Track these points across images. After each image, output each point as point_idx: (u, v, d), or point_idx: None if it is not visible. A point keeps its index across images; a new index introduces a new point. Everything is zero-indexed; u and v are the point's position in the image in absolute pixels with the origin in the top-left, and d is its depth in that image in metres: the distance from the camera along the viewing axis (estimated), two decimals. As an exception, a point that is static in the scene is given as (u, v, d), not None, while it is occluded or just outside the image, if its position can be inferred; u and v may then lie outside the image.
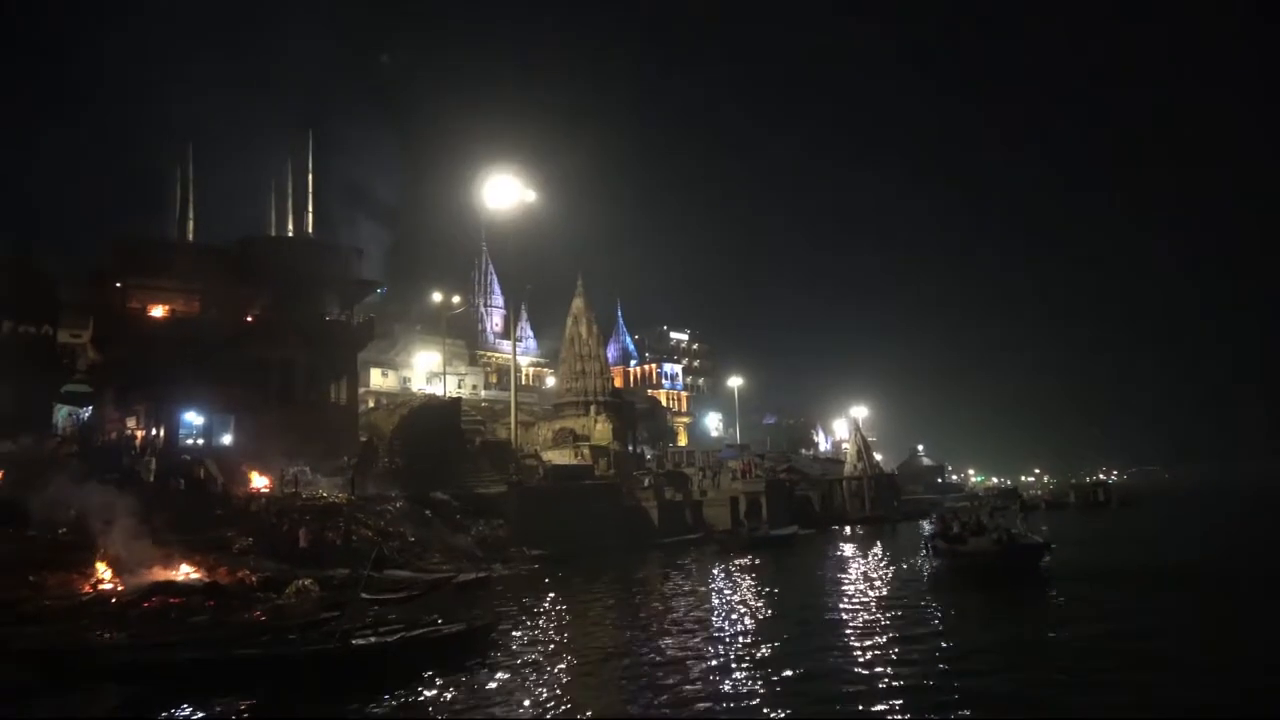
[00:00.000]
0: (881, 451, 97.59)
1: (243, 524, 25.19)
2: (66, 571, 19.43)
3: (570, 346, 58.52)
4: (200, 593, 19.03)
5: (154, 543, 20.70)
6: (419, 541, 27.79)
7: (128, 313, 37.40)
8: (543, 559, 29.04)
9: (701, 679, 11.63)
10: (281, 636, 13.10)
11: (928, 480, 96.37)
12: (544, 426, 56.55)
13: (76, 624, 16.60)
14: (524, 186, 45.69)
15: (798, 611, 18.07)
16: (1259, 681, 10.88)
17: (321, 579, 21.41)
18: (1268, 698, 10.21)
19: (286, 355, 38.29)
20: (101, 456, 28.69)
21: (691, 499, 45.88)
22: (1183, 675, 11.45)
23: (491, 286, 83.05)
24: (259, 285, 39.10)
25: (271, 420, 34.55)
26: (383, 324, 52.43)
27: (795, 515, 47.11)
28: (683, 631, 15.72)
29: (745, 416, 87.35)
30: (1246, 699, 10.22)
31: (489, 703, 10.67)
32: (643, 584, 24.38)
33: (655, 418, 76.49)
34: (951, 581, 21.57)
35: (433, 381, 62.43)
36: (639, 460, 54.72)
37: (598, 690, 11.23)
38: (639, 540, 36.56)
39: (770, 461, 61.71)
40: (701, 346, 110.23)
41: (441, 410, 43.44)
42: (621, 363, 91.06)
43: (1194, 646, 13.27)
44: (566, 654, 13.91)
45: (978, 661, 12.34)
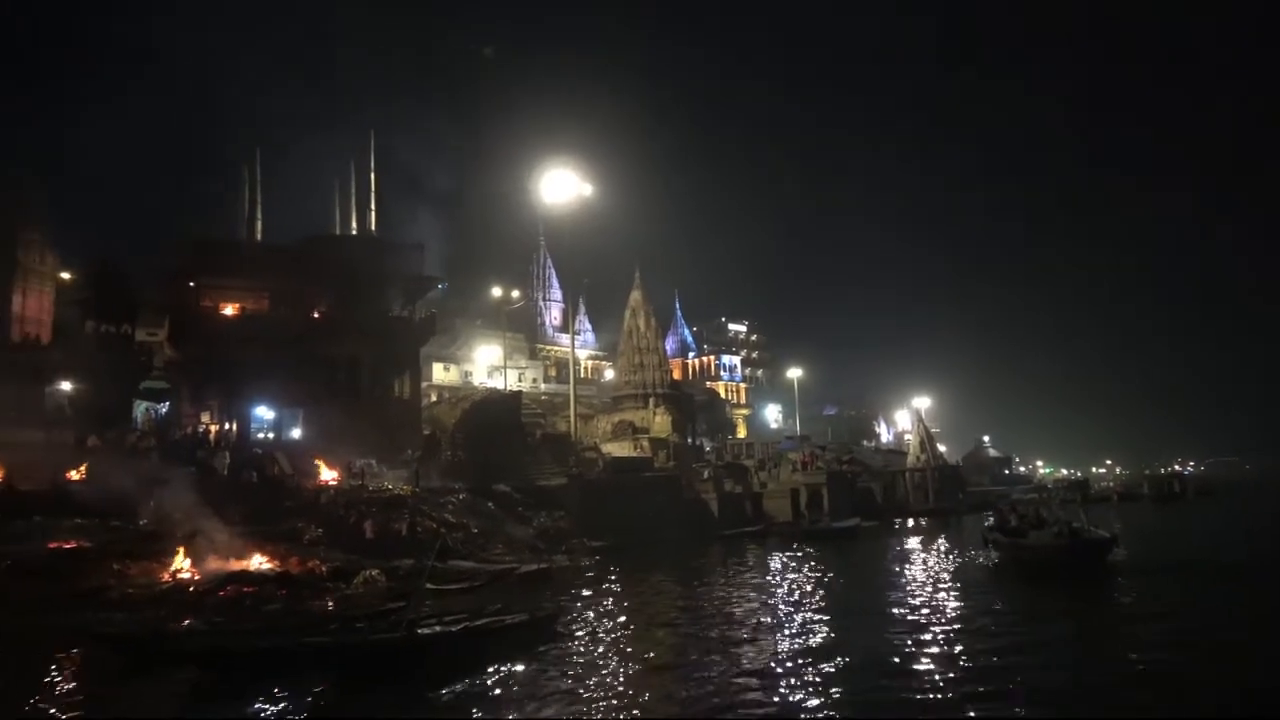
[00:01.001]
0: (945, 443, 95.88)
1: (312, 515, 25.85)
2: (147, 561, 20.22)
3: (628, 339, 58.67)
4: (273, 582, 19.66)
5: (229, 534, 21.37)
6: (482, 533, 28.18)
7: (201, 311, 38.67)
8: (603, 550, 29.24)
9: (758, 671, 11.61)
10: (349, 625, 13.46)
11: (994, 472, 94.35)
12: (603, 419, 56.85)
13: (157, 611, 17.30)
14: (581, 180, 45.95)
15: (857, 605, 17.91)
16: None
17: (388, 569, 21.94)
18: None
19: (351, 351, 39.17)
20: (178, 450, 29.75)
21: (751, 491, 45.69)
22: (1251, 674, 11.07)
23: (550, 280, 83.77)
24: (324, 283, 40.06)
25: (338, 414, 35.41)
26: (444, 319, 53.27)
27: (857, 507, 46.54)
28: (742, 623, 15.71)
29: (805, 408, 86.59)
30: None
31: (551, 692, 10.81)
32: (703, 576, 24.37)
33: (714, 410, 76.33)
34: (1011, 576, 21.08)
35: (493, 375, 63.25)
36: (698, 452, 54.65)
37: (658, 682, 11.27)
38: (699, 532, 36.56)
39: (831, 453, 61.03)
40: (760, 338, 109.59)
41: (502, 404, 43.98)
42: (680, 355, 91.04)
43: (1269, 644, 12.81)
44: (628, 644, 14.01)
45: (1034, 658, 12.06)
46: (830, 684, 10.77)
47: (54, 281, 39.32)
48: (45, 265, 38.69)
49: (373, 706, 10.53)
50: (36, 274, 37.91)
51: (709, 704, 10.06)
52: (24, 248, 37.02)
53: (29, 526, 21.25)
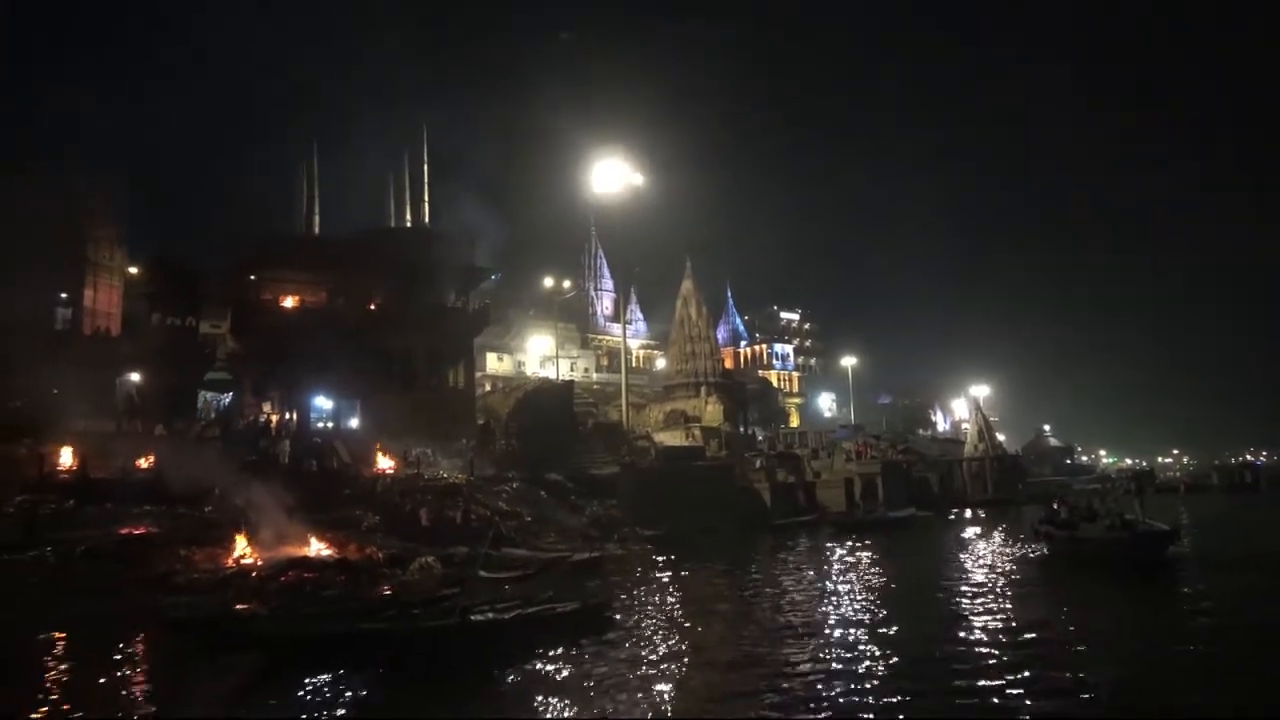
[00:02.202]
0: (1004, 432, 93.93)
1: (370, 503, 26.36)
2: (212, 547, 20.82)
3: (680, 328, 58.57)
4: (332, 568, 20.07)
5: (289, 521, 21.86)
6: (535, 521, 28.45)
7: (261, 304, 39.65)
8: (655, 539, 29.28)
9: (809, 665, 11.50)
10: (405, 611, 13.67)
11: (1055, 462, 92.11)
12: (655, 408, 56.89)
13: (222, 596, 17.81)
14: (631, 170, 45.93)
15: (909, 596, 17.68)
16: None
17: (443, 556, 22.20)
18: None
19: (407, 342, 39.78)
20: (241, 440, 30.56)
21: (804, 480, 45.32)
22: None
23: (601, 270, 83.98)
24: (380, 275, 40.75)
25: (394, 404, 36.02)
26: (497, 309, 53.74)
27: (913, 497, 45.90)
28: (794, 614, 15.60)
29: (859, 397, 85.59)
30: None
31: (601, 681, 10.86)
32: (755, 565, 24.28)
33: (766, 399, 75.84)
34: (1063, 570, 20.48)
35: (546, 365, 63.69)
36: (750, 441, 54.40)
37: (709, 674, 11.24)
38: (751, 521, 36.41)
39: (886, 442, 60.23)
40: (813, 326, 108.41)
41: (555, 393, 44.30)
42: (731, 344, 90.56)
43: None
44: (679, 635, 14.01)
45: (1080, 654, 11.73)
46: (881, 680, 10.61)
47: (123, 276, 40.61)
48: (114, 260, 39.97)
49: (427, 691, 10.69)
50: (106, 269, 39.18)
51: (760, 698, 9.98)
52: (94, 244, 38.26)
53: (101, 513, 22.07)
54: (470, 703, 10.23)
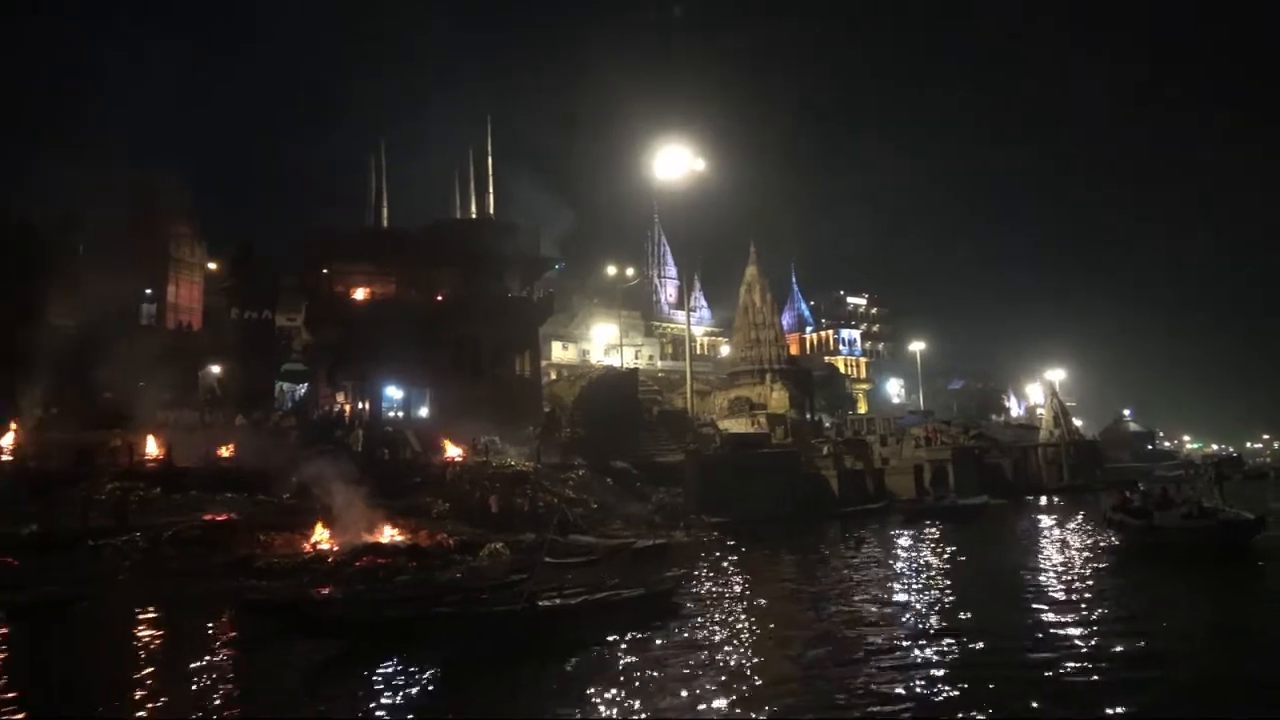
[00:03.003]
0: (1082, 417, 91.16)
1: (440, 491, 26.92)
2: (290, 533, 21.55)
3: (744, 315, 58.25)
4: (404, 554, 20.59)
5: (363, 508, 22.47)
6: (601, 508, 28.70)
7: (334, 296, 40.74)
8: (720, 526, 29.24)
9: (877, 657, 11.32)
10: (473, 596, 13.95)
11: (1135, 447, 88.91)
12: (720, 395, 56.74)
13: (299, 580, 18.44)
14: (694, 156, 45.65)
15: (980, 586, 17.31)
16: None
17: (511, 543, 22.65)
18: None
19: (473, 331, 40.41)
20: (316, 429, 31.47)
21: (873, 467, 44.73)
22: None
23: (665, 257, 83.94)
24: (447, 266, 41.47)
25: (462, 393, 36.66)
26: (561, 298, 54.25)
27: (985, 484, 44.86)
28: (862, 604, 15.41)
29: (929, 382, 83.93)
30: None
31: (666, 666, 10.92)
32: (822, 553, 24.07)
33: (833, 385, 74.96)
34: (1138, 560, 19.70)
35: (610, 353, 63.98)
36: (817, 428, 53.88)
37: (774, 664, 11.17)
38: (818, 509, 36.09)
39: (957, 428, 59.02)
40: (881, 310, 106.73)
41: (619, 381, 44.51)
42: (797, 330, 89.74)
43: None
44: (744, 623, 13.98)
45: (1158, 650, 11.28)
46: (948, 673, 10.37)
47: (202, 272, 42.14)
48: (194, 257, 41.50)
49: (494, 675, 10.89)
50: (187, 265, 40.71)
51: (826, 690, 9.88)
52: (175, 241, 39.76)
53: (186, 500, 23.07)
54: (536, 687, 10.38)
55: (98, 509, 21.50)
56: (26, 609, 15.71)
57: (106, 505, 21.75)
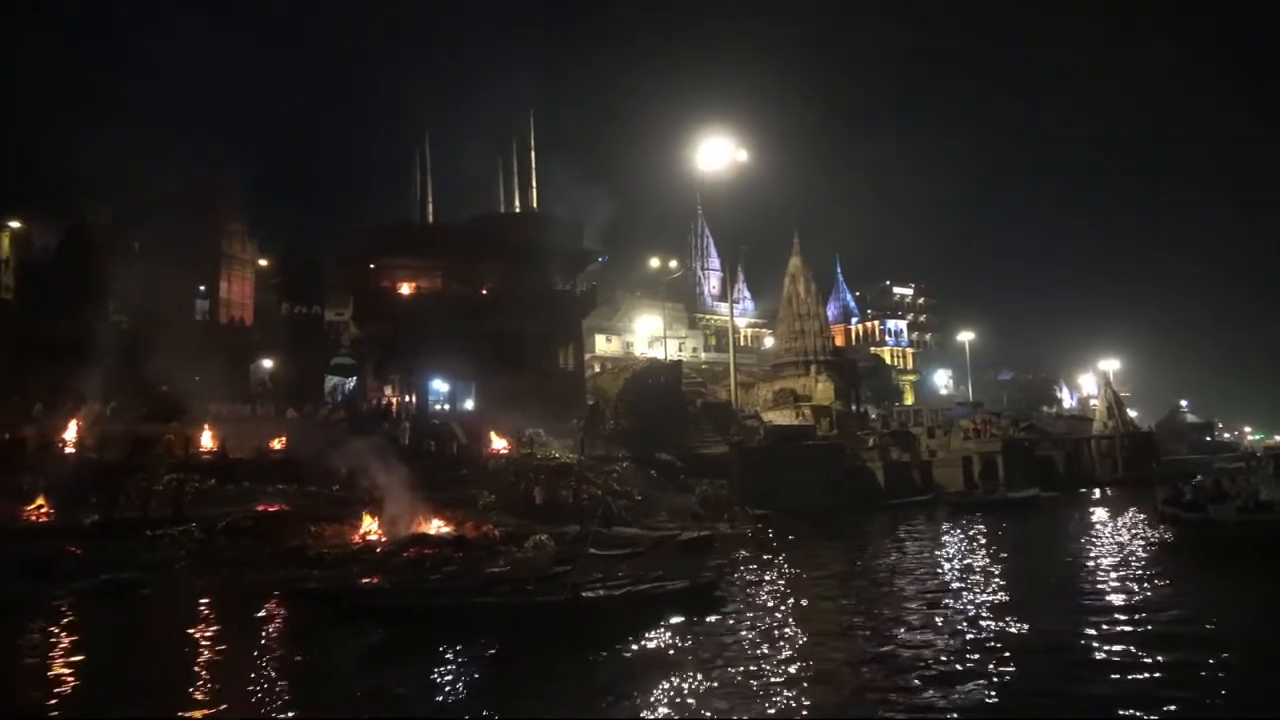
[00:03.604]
0: (1137, 408, 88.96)
1: (485, 482, 27.20)
2: (340, 524, 21.97)
3: (788, 306, 57.80)
4: (450, 545, 20.86)
5: (410, 499, 22.80)
6: (645, 500, 28.74)
7: (381, 291, 41.32)
8: (765, 519, 29.14)
9: (923, 655, 11.11)
10: (518, 587, 14.08)
11: (1193, 439, 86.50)
12: (763, 387, 56.42)
13: (348, 569, 18.79)
14: (737, 146, 45.46)
15: (1031, 582, 16.97)
16: None
17: (555, 534, 22.81)
18: None
19: (518, 324, 40.70)
20: (365, 422, 31.96)
21: (920, 459, 44.20)
22: None
23: (708, 249, 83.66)
24: (491, 260, 41.81)
25: (507, 386, 36.93)
26: (605, 291, 54.30)
27: (1036, 477, 44.04)
28: (908, 599, 15.22)
29: (978, 373, 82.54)
30: None
31: (709, 659, 10.89)
32: (868, 546, 23.85)
33: (879, 376, 74.11)
34: (1191, 555, 19.08)
35: (654, 345, 63.97)
36: (862, 420, 53.34)
37: (818, 660, 11.03)
38: (863, 501, 35.78)
39: (1007, 420, 57.99)
40: (928, 300, 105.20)
41: (663, 373, 44.51)
42: (842, 321, 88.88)
43: None
44: (788, 617, 13.89)
45: (1211, 651, 10.78)
46: (996, 675, 10.08)
47: (254, 268, 43.06)
48: (246, 253, 42.41)
49: (538, 666, 10.98)
50: (239, 261, 41.61)
51: (869, 687, 9.75)
52: (227, 239, 40.64)
53: (239, 491, 23.62)
54: (579, 678, 10.43)
55: (155, 499, 22.12)
56: (92, 595, 16.27)
57: (163, 496, 22.36)
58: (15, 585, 16.42)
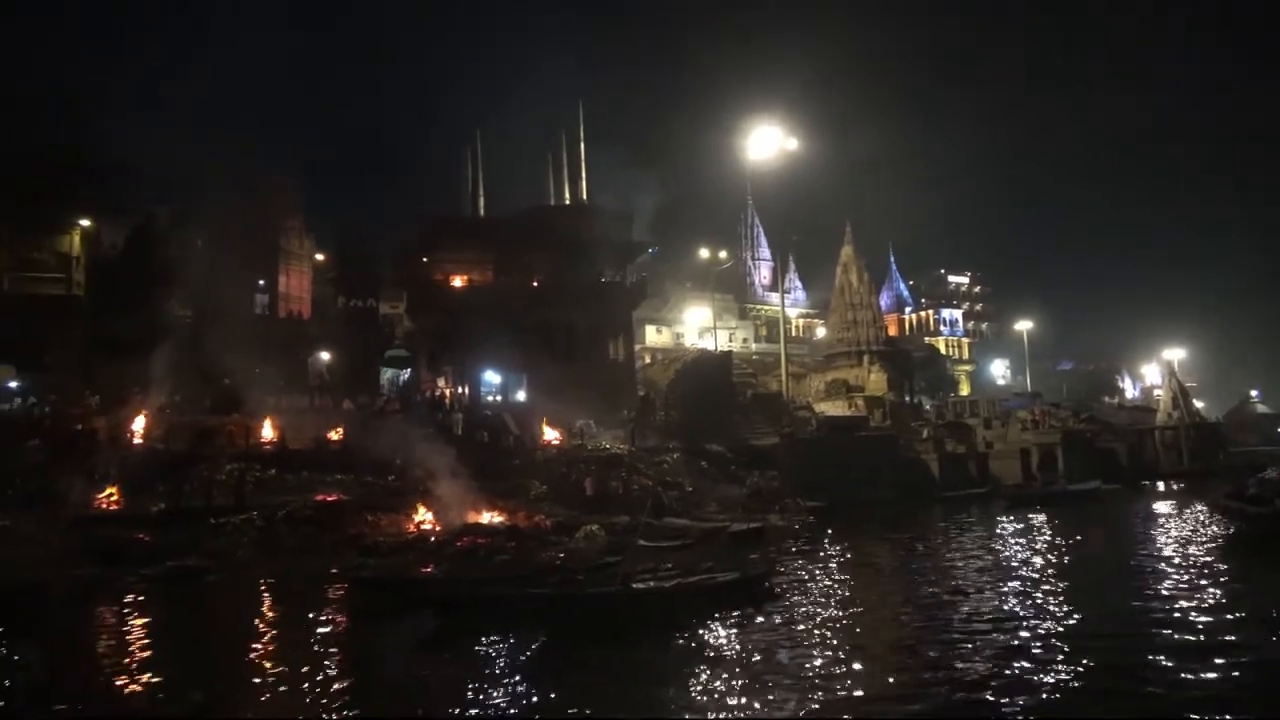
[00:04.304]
0: (1204, 398, 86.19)
1: (536, 473, 27.47)
2: (395, 513, 22.38)
3: (840, 296, 57.23)
4: (503, 535, 21.13)
5: (463, 489, 23.11)
6: (695, 491, 28.75)
7: (434, 284, 41.91)
8: (817, 510, 28.91)
9: (976, 648, 10.93)
10: (569, 577, 14.20)
11: (1264, 430, 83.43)
12: (815, 378, 56.00)
13: (403, 558, 19.13)
14: (786, 135, 45.05)
15: (1093, 578, 16.57)
16: None
17: (606, 525, 22.94)
18: None
19: (568, 317, 40.95)
20: (419, 413, 32.44)
21: (976, 451, 43.42)
22: None
23: (758, 239, 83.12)
24: (542, 252, 42.11)
25: (558, 377, 37.18)
26: (654, 283, 54.38)
27: (1097, 469, 42.93)
28: (963, 591, 14.96)
29: (1036, 363, 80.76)
30: None
31: (759, 651, 10.86)
32: (922, 538, 23.52)
33: (933, 366, 72.97)
34: (1261, 550, 18.34)
35: (704, 336, 63.82)
36: (916, 411, 52.60)
37: (870, 657, 10.90)
38: (917, 493, 35.30)
39: (1066, 410, 56.67)
40: (984, 289, 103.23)
41: (713, 364, 44.38)
42: (895, 310, 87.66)
43: None
44: (840, 610, 13.76)
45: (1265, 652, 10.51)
46: (1053, 675, 9.82)
47: (311, 263, 43.91)
48: (303, 249, 43.27)
49: (588, 655, 11.06)
50: (296, 256, 42.48)
51: (921, 684, 9.59)
52: (285, 234, 41.51)
53: (298, 480, 24.18)
54: (630, 669, 10.48)
55: (218, 488, 22.76)
56: (160, 580, 16.86)
57: (226, 485, 22.98)
58: (90, 569, 17.11)
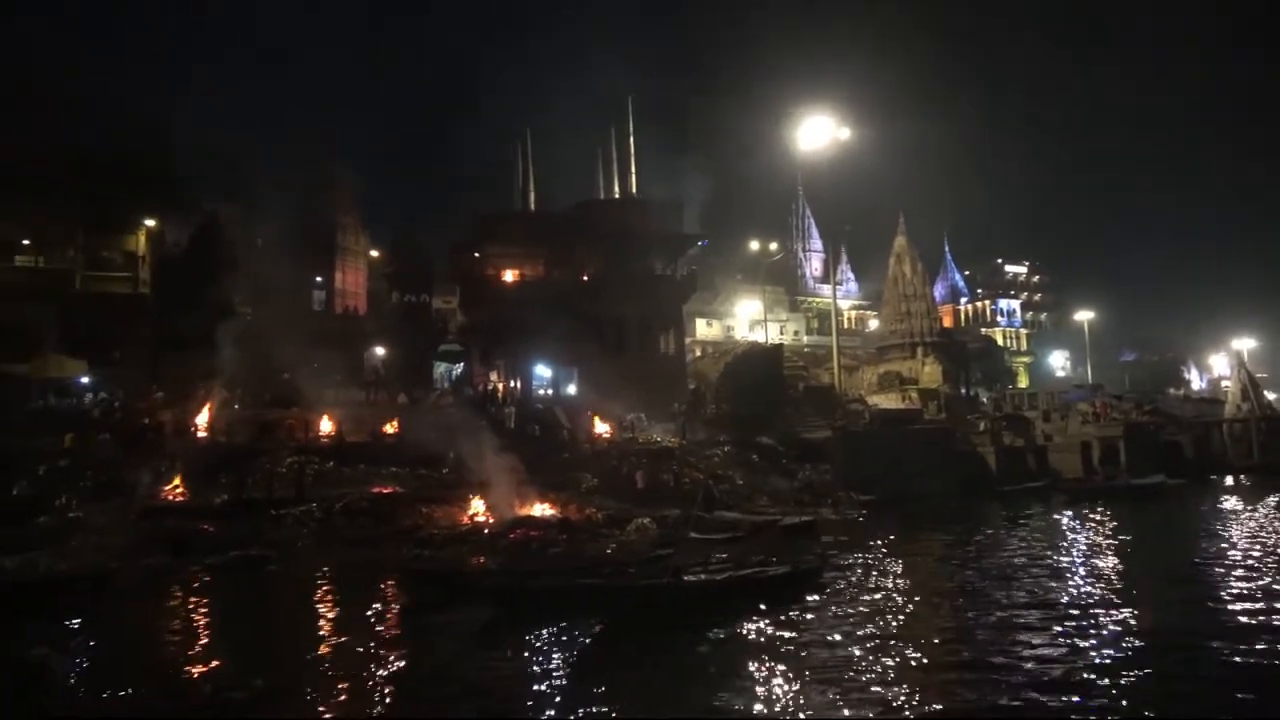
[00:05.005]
0: (1276, 390, 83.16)
1: (588, 466, 27.60)
2: (449, 505, 22.69)
3: (893, 287, 56.46)
4: (554, 527, 21.29)
5: (516, 482, 23.33)
6: (746, 484, 28.65)
7: (486, 279, 42.32)
8: (870, 504, 28.60)
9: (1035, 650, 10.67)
10: (621, 570, 14.28)
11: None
12: (868, 370, 55.35)
13: (457, 550, 19.41)
14: (838, 124, 44.48)
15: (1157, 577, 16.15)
16: None
17: (657, 518, 22.99)
18: None
19: (619, 310, 41.02)
20: (472, 407, 32.84)
21: (1034, 444, 42.46)
22: None
23: (809, 230, 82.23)
24: (592, 246, 42.22)
25: (609, 371, 37.28)
26: (704, 275, 54.12)
27: (1161, 463, 41.71)
28: (1020, 590, 14.69)
29: (1097, 354, 78.69)
30: None
31: (811, 647, 10.81)
32: (978, 534, 23.12)
33: (990, 358, 71.48)
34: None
35: (755, 329, 63.45)
36: (973, 403, 51.63)
37: (924, 655, 10.76)
38: (974, 487, 34.67)
39: (1129, 403, 55.14)
40: (1043, 279, 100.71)
41: (764, 357, 44.12)
42: (950, 301, 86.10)
43: None
44: (894, 607, 13.60)
45: None
46: (1115, 681, 9.58)
47: (366, 259, 44.68)
48: (359, 245, 44.04)
49: (639, 647, 11.11)
50: (352, 253, 43.24)
51: (976, 688, 9.42)
52: (341, 231, 42.29)
53: (355, 473, 24.69)
54: (680, 661, 10.52)
55: (279, 481, 23.32)
56: (223, 569, 17.39)
57: (286, 478, 23.54)
58: (157, 558, 17.72)
